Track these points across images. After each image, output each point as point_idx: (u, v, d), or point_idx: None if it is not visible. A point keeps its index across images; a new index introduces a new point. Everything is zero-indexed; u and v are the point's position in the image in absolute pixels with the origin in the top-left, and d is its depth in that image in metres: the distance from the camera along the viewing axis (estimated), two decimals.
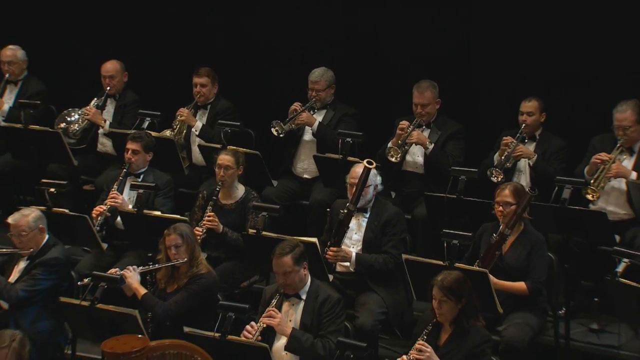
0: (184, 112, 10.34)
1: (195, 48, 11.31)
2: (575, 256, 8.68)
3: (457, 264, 7.77)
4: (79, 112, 10.71)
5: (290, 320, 7.64)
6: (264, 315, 7.56)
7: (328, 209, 9.00)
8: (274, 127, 10.01)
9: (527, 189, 8.23)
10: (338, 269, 8.57)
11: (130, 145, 9.47)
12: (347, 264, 8.50)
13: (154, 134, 9.87)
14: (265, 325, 7.51)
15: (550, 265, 8.24)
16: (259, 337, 7.45)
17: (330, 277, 8.43)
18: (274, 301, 7.64)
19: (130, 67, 10.81)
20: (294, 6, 10.95)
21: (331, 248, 8.45)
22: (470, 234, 8.06)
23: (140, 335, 6.27)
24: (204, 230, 8.86)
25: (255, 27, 11.16)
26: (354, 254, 8.48)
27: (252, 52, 11.23)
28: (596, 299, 8.97)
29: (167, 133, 10.29)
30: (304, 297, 7.69)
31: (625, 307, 7.58)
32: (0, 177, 10.74)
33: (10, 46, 10.99)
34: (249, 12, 11.18)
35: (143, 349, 6.11)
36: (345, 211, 8.45)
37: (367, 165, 8.47)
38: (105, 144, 10.67)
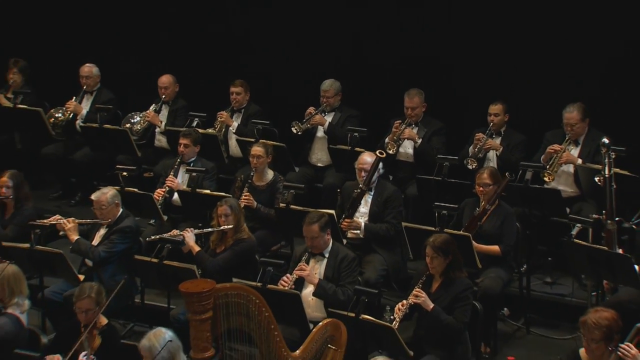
0: (223, 115, 10.37)
1: (234, 65, 11.34)
2: (534, 225, 8.73)
3: (445, 230, 7.85)
4: (140, 115, 10.76)
5: (316, 273, 7.70)
6: (296, 268, 7.64)
7: (339, 190, 9.04)
8: (294, 127, 10.05)
9: (505, 174, 8.29)
10: (349, 235, 8.60)
11: (183, 140, 9.51)
12: (358, 231, 8.55)
13: (201, 131, 9.91)
14: (297, 277, 7.59)
15: (516, 232, 8.32)
16: (292, 286, 7.54)
17: (344, 241, 8.48)
18: (304, 258, 7.71)
19: (180, 79, 10.84)
20: (302, 29, 10.97)
21: (345, 219, 8.51)
22: (456, 206, 8.14)
23: (209, 280, 6.34)
24: (243, 206, 8.90)
25: (267, 43, 11.19)
26: (363, 224, 8.54)
27: (265, 63, 11.22)
28: (550, 259, 9.08)
29: (210, 130, 10.32)
30: (327, 255, 7.76)
31: (577, 262, 7.65)
32: (81, 166, 10.75)
33: (87, 64, 10.99)
34: (263, 31, 11.20)
35: (211, 290, 6.17)
36: (359, 190, 8.53)
37: (378, 155, 8.56)
38: (161, 140, 10.67)
